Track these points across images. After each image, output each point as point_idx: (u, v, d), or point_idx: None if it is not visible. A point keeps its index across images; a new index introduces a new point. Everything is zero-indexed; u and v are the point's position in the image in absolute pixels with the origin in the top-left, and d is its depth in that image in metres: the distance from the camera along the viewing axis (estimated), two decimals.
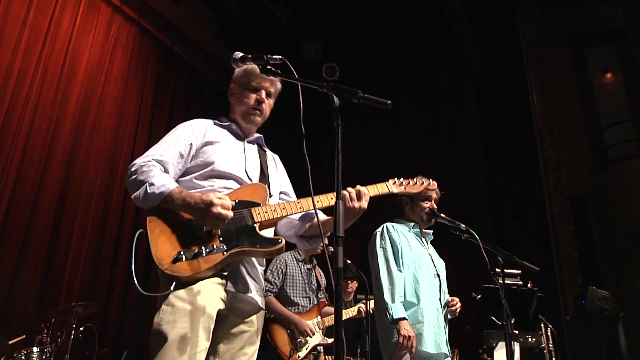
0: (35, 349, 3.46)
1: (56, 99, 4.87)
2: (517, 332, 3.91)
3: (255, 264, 1.97)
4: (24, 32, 4.63)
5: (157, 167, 1.87)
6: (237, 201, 1.85)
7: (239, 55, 1.90)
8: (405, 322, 2.67)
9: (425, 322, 2.74)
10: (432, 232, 3.15)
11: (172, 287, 1.68)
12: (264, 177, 2.09)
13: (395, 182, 2.16)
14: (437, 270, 2.99)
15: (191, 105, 6.59)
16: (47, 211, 4.63)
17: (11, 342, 3.54)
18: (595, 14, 8.38)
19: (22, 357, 3.39)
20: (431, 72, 7.82)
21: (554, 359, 4.08)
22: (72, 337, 3.79)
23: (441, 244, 3.25)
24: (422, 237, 3.10)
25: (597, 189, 7.84)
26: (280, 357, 3.56)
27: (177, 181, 1.91)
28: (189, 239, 1.76)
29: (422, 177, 2.33)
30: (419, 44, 7.91)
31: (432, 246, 3.18)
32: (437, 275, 2.96)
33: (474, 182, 7.60)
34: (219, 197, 1.76)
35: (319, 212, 1.93)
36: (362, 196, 1.92)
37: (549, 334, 4.11)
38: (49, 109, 4.79)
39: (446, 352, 2.78)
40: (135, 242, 1.71)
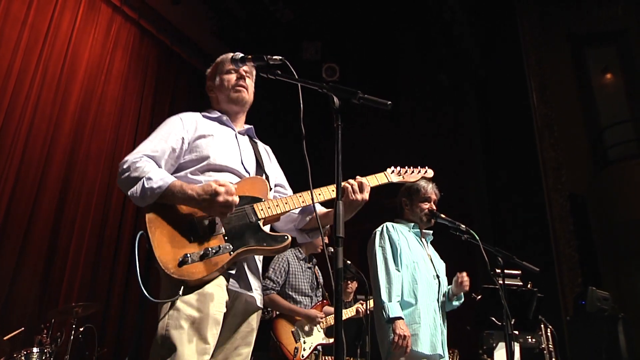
0: (35, 350, 3.46)
1: (56, 99, 4.87)
2: (517, 332, 3.91)
3: (255, 257, 1.93)
4: (24, 32, 4.63)
5: (150, 162, 1.79)
6: (238, 197, 1.78)
7: (239, 55, 1.92)
8: (401, 321, 2.65)
9: (421, 323, 2.73)
10: (432, 232, 3.14)
11: (180, 292, 1.61)
12: (260, 170, 2.03)
13: (393, 171, 2.20)
14: (437, 271, 2.98)
15: (191, 105, 6.46)
16: (47, 211, 4.63)
17: (7, 337, 3.52)
18: (595, 14, 8.38)
19: (22, 358, 3.39)
20: (431, 73, 7.82)
21: (554, 359, 4.08)
22: (71, 338, 3.79)
23: (441, 244, 3.25)
24: (422, 238, 3.09)
25: (596, 189, 7.85)
26: (284, 355, 3.56)
27: None
28: (192, 238, 1.70)
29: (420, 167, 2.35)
30: (418, 45, 7.91)
31: (432, 247, 3.17)
32: (437, 276, 2.95)
33: (474, 182, 7.60)
34: (220, 185, 1.70)
35: (317, 205, 1.94)
36: (364, 188, 1.92)
37: (549, 334, 4.11)
38: (49, 109, 4.79)
39: (441, 354, 2.75)
40: (137, 245, 1.63)
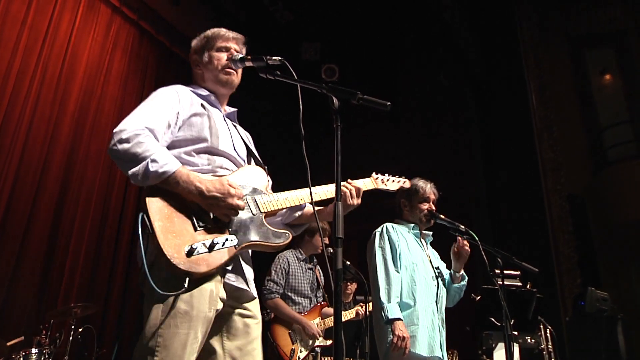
0: (33, 350, 3.45)
1: (55, 99, 4.86)
2: (516, 333, 3.91)
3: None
4: (24, 32, 4.62)
5: (152, 138, 1.65)
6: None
7: (239, 56, 1.92)
8: (400, 322, 2.65)
9: (420, 325, 2.72)
10: (431, 233, 3.14)
11: (185, 284, 1.49)
12: (252, 157, 1.95)
13: (377, 177, 2.19)
14: (436, 272, 2.97)
15: None
16: (46, 211, 4.62)
17: (9, 343, 3.53)
18: (594, 15, 8.39)
19: (21, 359, 3.38)
20: (430, 74, 7.83)
21: (553, 359, 4.09)
22: (70, 338, 3.77)
23: (441, 245, 3.25)
24: (421, 239, 3.09)
25: (596, 190, 7.85)
26: (280, 356, 3.55)
27: None
28: (199, 227, 1.59)
29: (402, 176, 2.33)
30: (418, 46, 7.92)
31: (432, 248, 3.17)
32: (436, 277, 2.94)
33: (473, 183, 7.60)
34: (231, 185, 1.62)
35: (307, 204, 1.94)
36: (360, 193, 1.95)
37: (548, 334, 4.10)
38: (48, 110, 4.78)
39: (440, 356, 2.74)
40: (140, 227, 1.49)
